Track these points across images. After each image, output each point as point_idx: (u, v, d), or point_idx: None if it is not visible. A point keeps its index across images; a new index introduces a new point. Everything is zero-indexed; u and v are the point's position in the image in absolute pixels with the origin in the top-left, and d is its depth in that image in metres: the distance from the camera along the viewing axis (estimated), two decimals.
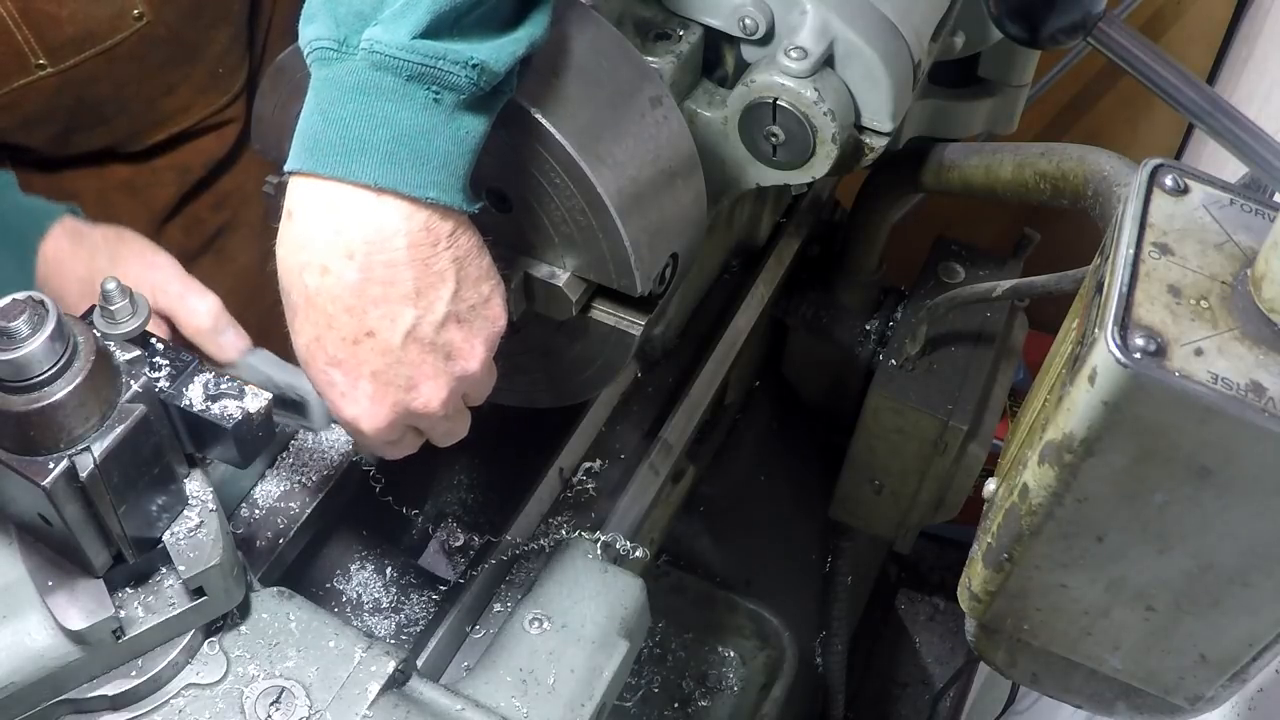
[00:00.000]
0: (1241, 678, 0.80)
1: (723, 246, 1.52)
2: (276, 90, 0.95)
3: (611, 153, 0.91)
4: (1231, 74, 2.25)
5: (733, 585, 1.57)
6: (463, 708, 0.90)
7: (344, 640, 0.88)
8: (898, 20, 1.11)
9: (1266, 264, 0.66)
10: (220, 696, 0.85)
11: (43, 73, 1.26)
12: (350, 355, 0.83)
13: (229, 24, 1.40)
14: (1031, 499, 0.74)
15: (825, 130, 1.08)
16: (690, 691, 1.49)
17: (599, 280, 0.95)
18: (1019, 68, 1.41)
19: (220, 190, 1.49)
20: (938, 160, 1.35)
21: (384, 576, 1.19)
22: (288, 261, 0.83)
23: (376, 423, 0.86)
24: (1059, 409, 0.70)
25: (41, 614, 0.81)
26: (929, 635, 2.70)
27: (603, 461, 1.27)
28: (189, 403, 0.80)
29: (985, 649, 0.91)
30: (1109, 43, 1.10)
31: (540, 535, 1.19)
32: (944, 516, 1.66)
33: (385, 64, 0.78)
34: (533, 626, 1.02)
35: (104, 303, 0.81)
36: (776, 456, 1.74)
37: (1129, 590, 0.77)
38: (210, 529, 0.83)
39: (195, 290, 1.08)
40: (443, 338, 0.84)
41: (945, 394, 1.51)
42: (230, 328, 1.07)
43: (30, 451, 0.73)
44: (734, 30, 1.10)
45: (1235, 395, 0.64)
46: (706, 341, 1.44)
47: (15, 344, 0.71)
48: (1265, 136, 1.03)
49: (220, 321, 1.06)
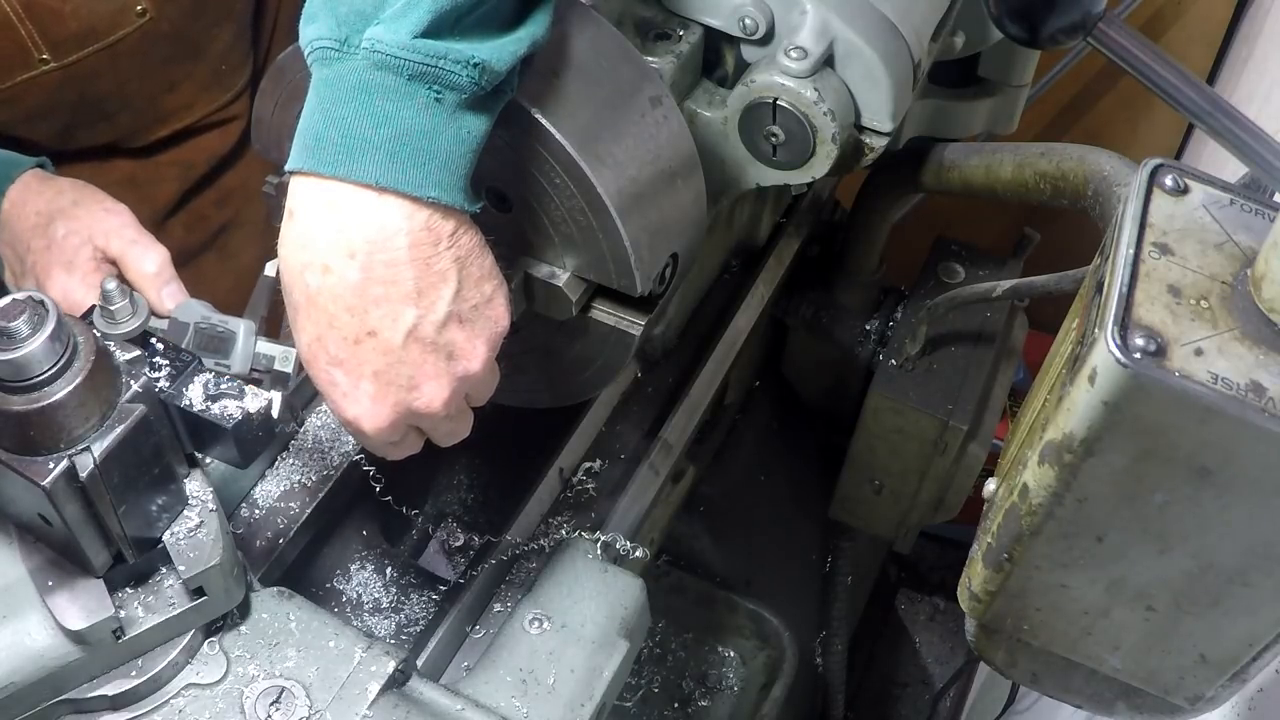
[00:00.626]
0: (1241, 678, 0.80)
1: (723, 246, 1.52)
2: (276, 90, 0.95)
3: (611, 153, 0.91)
4: (1231, 74, 2.25)
5: (733, 585, 1.57)
6: (463, 708, 0.90)
7: (344, 640, 0.88)
8: (898, 20, 1.11)
9: (1266, 264, 0.66)
10: (220, 696, 0.85)
11: (45, 67, 1.26)
12: (352, 355, 0.83)
13: (232, 21, 1.41)
14: (1031, 499, 0.74)
15: (825, 130, 1.08)
16: (690, 691, 1.49)
17: (599, 280, 0.95)
18: (1019, 68, 1.41)
19: (224, 187, 1.50)
20: (938, 160, 1.35)
21: (384, 576, 1.19)
22: (289, 261, 0.83)
23: (378, 423, 0.86)
24: (1059, 409, 0.70)
25: (41, 614, 0.81)
26: (929, 635, 2.70)
27: (603, 461, 1.27)
28: (189, 403, 0.80)
29: (985, 649, 0.91)
30: (1109, 43, 1.10)
31: (540, 535, 1.19)
32: (944, 516, 1.66)
33: (387, 63, 0.78)
34: (533, 626, 1.02)
35: (104, 303, 0.81)
36: (776, 456, 1.74)
37: (1129, 590, 0.77)
38: (210, 529, 0.83)
39: (148, 240, 1.12)
40: (445, 337, 0.84)
41: (945, 394, 1.51)
42: (174, 281, 1.11)
43: (30, 451, 0.73)
44: (734, 30, 1.10)
45: (1235, 395, 0.64)
46: (706, 341, 1.44)
47: (15, 344, 0.71)
48: (1265, 136, 1.03)
49: (166, 273, 1.10)
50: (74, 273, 1.11)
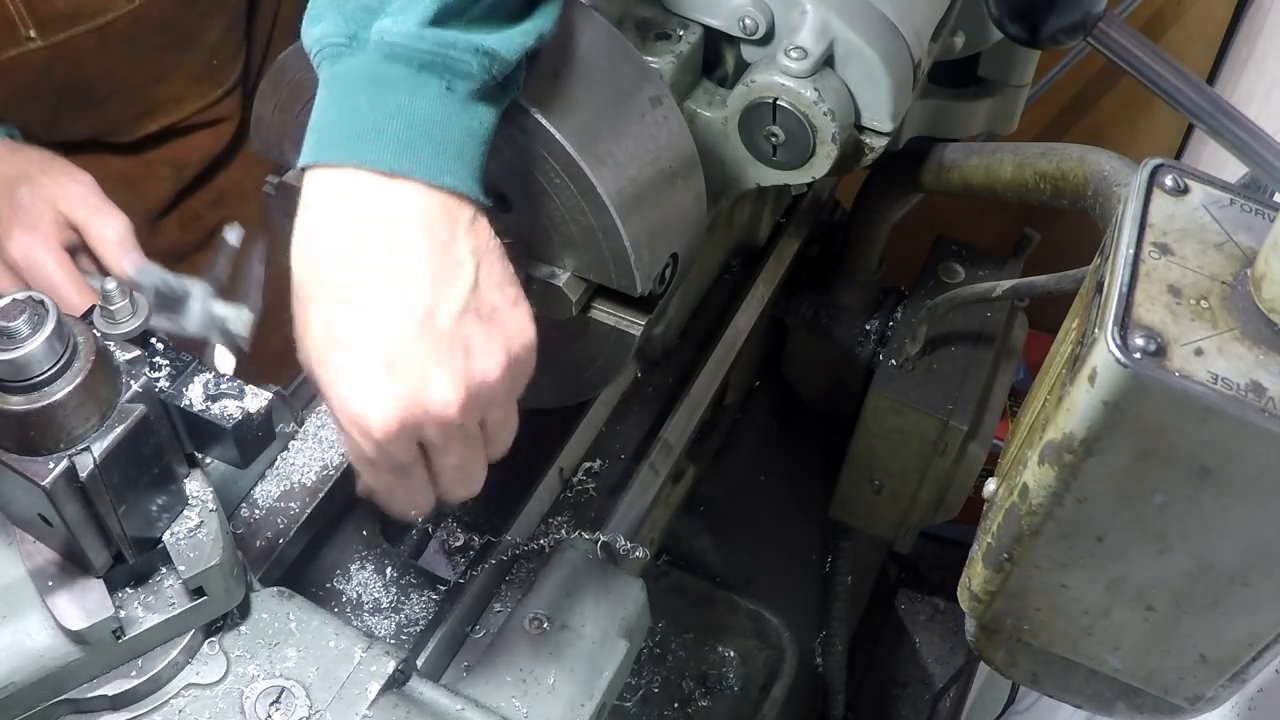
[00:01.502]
0: (1241, 678, 0.80)
1: (723, 246, 1.52)
2: (276, 90, 0.95)
3: (611, 153, 0.91)
4: (1231, 74, 2.25)
5: (733, 585, 1.57)
6: (463, 708, 0.90)
7: (344, 640, 0.88)
8: (898, 20, 1.11)
9: (1266, 264, 0.66)
10: (220, 696, 0.85)
11: (32, 45, 1.27)
12: (362, 340, 0.78)
13: (224, 14, 1.40)
14: (1031, 499, 0.74)
15: (825, 130, 1.08)
16: (690, 691, 1.49)
17: (599, 280, 0.95)
18: (1019, 68, 1.41)
19: (218, 187, 1.49)
20: (938, 160, 1.35)
21: (384, 576, 1.19)
22: (303, 252, 0.79)
23: (386, 421, 0.78)
24: (1059, 409, 0.70)
25: (41, 614, 0.81)
26: (929, 635, 2.70)
27: (603, 461, 1.27)
28: (189, 403, 0.80)
29: (985, 649, 0.91)
30: (1109, 43, 1.10)
31: (540, 535, 1.18)
32: (944, 516, 1.66)
33: (396, 54, 0.77)
34: (533, 626, 1.02)
35: (104, 303, 0.81)
36: (776, 456, 1.74)
37: (1129, 590, 0.77)
38: (210, 529, 0.83)
39: (110, 208, 1.15)
40: (462, 330, 0.79)
41: (945, 394, 1.51)
42: (135, 250, 1.13)
43: (30, 451, 0.73)
44: (734, 30, 1.10)
45: (1235, 395, 0.64)
46: (706, 341, 1.44)
47: (15, 344, 0.71)
48: (1265, 136, 1.03)
49: (128, 241, 1.13)
50: (35, 234, 1.12)
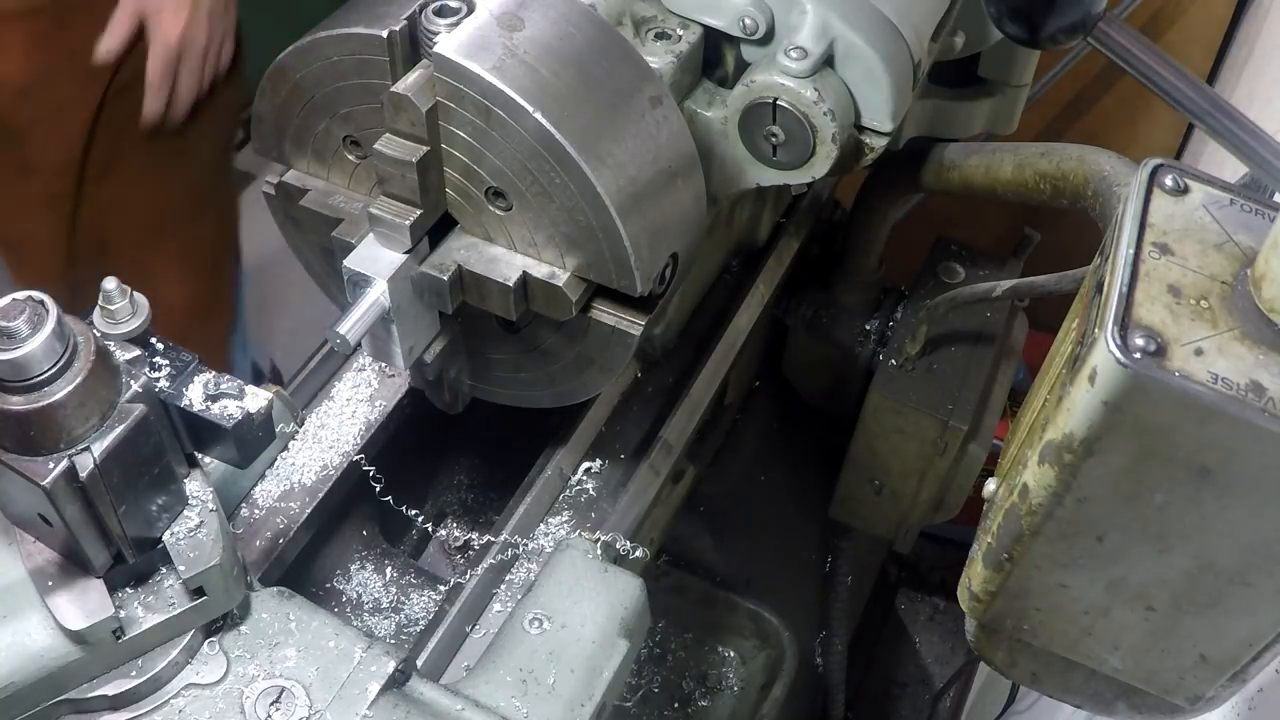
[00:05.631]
0: (1241, 678, 0.80)
1: (723, 246, 1.52)
2: (277, 90, 0.95)
3: (611, 153, 0.91)
4: (1231, 74, 2.25)
5: (733, 585, 1.57)
6: (463, 708, 0.90)
7: (344, 640, 0.88)
8: (898, 20, 1.11)
9: (1266, 264, 0.66)
10: (220, 696, 0.85)
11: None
12: None
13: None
14: (1031, 499, 0.74)
15: (825, 130, 1.08)
16: (690, 691, 1.49)
17: (599, 280, 0.95)
18: (1019, 68, 1.41)
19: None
20: (938, 160, 1.35)
21: (384, 576, 1.19)
22: None
23: None
24: (1059, 409, 0.70)
25: (41, 614, 0.81)
26: (929, 635, 2.70)
27: (603, 461, 1.27)
28: (189, 403, 0.80)
29: (985, 649, 0.91)
30: (1109, 43, 1.10)
31: (540, 535, 1.18)
32: (944, 516, 1.66)
33: None
34: (533, 626, 1.02)
35: (104, 303, 0.81)
36: (776, 456, 1.74)
37: (1129, 590, 0.77)
38: (210, 529, 0.83)
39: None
40: None
41: (945, 394, 1.51)
42: None
43: (30, 451, 0.73)
44: (734, 30, 1.10)
45: (1235, 395, 0.64)
46: (706, 341, 1.44)
47: (15, 344, 0.71)
48: (1265, 136, 1.03)
49: None
50: None
